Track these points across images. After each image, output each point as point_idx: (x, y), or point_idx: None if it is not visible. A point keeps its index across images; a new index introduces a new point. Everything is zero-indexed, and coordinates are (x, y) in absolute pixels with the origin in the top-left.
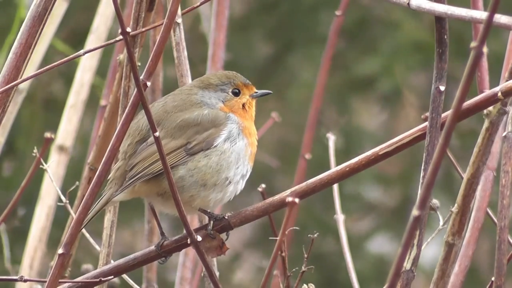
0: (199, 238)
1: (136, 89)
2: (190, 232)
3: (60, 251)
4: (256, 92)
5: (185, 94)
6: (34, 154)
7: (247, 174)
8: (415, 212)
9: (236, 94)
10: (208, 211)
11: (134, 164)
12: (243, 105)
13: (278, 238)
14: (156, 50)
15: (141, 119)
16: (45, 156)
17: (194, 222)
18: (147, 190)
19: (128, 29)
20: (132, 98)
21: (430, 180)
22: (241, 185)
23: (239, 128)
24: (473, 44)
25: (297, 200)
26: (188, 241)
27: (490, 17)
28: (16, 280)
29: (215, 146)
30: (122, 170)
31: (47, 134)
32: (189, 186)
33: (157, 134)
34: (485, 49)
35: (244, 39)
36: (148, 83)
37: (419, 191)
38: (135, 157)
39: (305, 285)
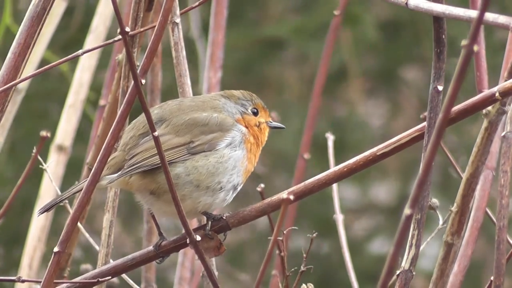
0: (198, 238)
1: (131, 87)
2: (190, 232)
3: (55, 249)
4: (271, 122)
5: (207, 98)
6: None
7: (238, 187)
8: (407, 211)
9: (255, 114)
10: (207, 211)
11: (135, 154)
12: (259, 124)
13: (273, 237)
14: (151, 47)
15: None
16: (44, 155)
17: (192, 222)
18: (141, 186)
19: (127, 29)
20: (127, 96)
21: (422, 179)
22: (230, 197)
23: (243, 138)
24: (464, 42)
25: (291, 197)
26: (187, 241)
27: (481, 15)
28: (14, 281)
29: (216, 150)
30: (117, 159)
31: (43, 133)
32: (183, 184)
33: (156, 133)
34: (475, 48)
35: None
36: (143, 81)
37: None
38: (137, 148)
39: (304, 285)
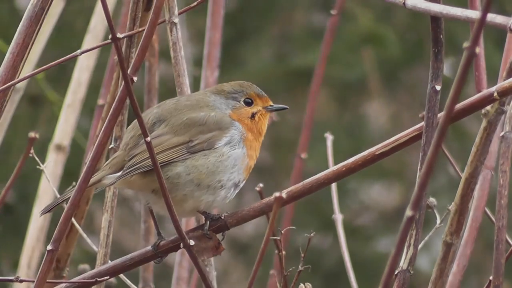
0: (192, 243)
1: (121, 87)
2: (183, 237)
3: (48, 247)
4: (272, 106)
5: (200, 96)
6: (31, 155)
7: (239, 184)
8: (408, 212)
9: (249, 104)
10: (206, 211)
11: (134, 155)
12: (253, 115)
13: (266, 236)
14: (142, 45)
15: (148, 113)
16: (42, 155)
17: (191, 221)
18: (142, 185)
19: (118, 35)
20: (118, 94)
21: (423, 180)
22: (232, 194)
23: (241, 137)
24: (466, 44)
25: (284, 195)
26: (181, 245)
27: (483, 16)
28: (12, 281)
29: (215, 148)
30: (119, 159)
31: (31, 134)
32: (184, 184)
33: (148, 139)
34: (477, 50)
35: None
36: (135, 78)
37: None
38: (136, 148)
39: (302, 284)
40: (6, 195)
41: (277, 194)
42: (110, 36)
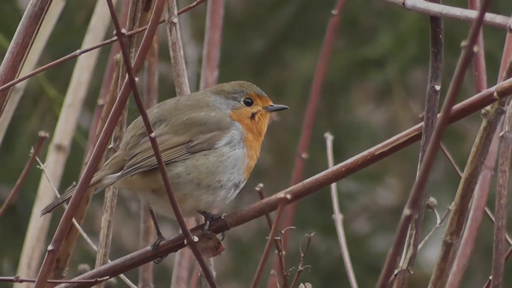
0: (196, 239)
1: (123, 87)
2: (187, 233)
3: (49, 247)
4: (272, 106)
5: (200, 96)
6: (30, 154)
7: (240, 185)
8: (406, 211)
9: (249, 104)
10: (205, 211)
11: (134, 154)
12: (253, 115)
13: (270, 237)
14: (144, 45)
15: (149, 113)
16: (42, 155)
17: (191, 221)
18: (142, 185)
19: (123, 31)
20: (119, 95)
21: (421, 179)
22: (232, 195)
23: (241, 137)
24: (464, 43)
25: (288, 196)
26: (185, 241)
27: (481, 15)
28: (12, 281)
29: (215, 148)
30: (119, 158)
31: (41, 133)
32: (184, 184)
33: (153, 135)
34: (475, 48)
35: (239, 33)
36: (136, 79)
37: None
38: (136, 147)
39: (302, 284)
40: (7, 196)
41: (281, 195)
42: (114, 32)
